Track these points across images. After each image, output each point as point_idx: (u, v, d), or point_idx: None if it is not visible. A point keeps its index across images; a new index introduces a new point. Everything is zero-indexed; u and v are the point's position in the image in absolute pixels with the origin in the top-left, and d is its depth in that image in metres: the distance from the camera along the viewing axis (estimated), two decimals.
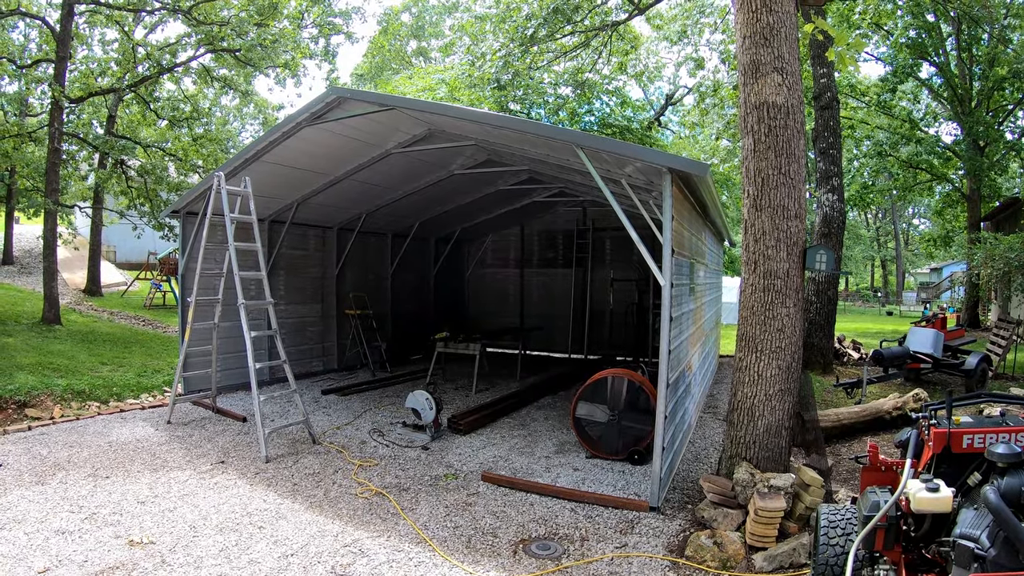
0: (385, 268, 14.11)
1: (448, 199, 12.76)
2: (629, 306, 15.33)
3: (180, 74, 18.16)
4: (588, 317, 15.86)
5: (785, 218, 5.37)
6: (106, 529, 4.97)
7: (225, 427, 8.21)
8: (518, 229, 16.63)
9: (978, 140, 21.71)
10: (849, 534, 3.81)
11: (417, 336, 14.55)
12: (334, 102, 7.26)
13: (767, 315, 5.41)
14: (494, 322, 16.02)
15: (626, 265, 15.37)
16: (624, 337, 15.25)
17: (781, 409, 5.51)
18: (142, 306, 19.23)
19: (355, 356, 12.76)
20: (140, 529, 4.98)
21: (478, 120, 6.30)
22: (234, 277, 7.39)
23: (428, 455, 7.22)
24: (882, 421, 8.71)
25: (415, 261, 15.03)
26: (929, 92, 24.31)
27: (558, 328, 15.92)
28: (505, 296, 17.00)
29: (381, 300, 13.79)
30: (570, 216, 15.79)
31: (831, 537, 3.85)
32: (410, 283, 14.94)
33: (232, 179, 8.24)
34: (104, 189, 17.70)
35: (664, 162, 5.36)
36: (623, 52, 20.11)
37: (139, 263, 23.42)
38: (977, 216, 22.93)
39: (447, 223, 14.85)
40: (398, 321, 14.32)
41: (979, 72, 21.96)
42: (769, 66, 5.36)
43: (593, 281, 15.80)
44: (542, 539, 5.07)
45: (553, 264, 16.52)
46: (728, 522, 5.21)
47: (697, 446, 7.89)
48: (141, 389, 9.90)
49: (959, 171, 24.60)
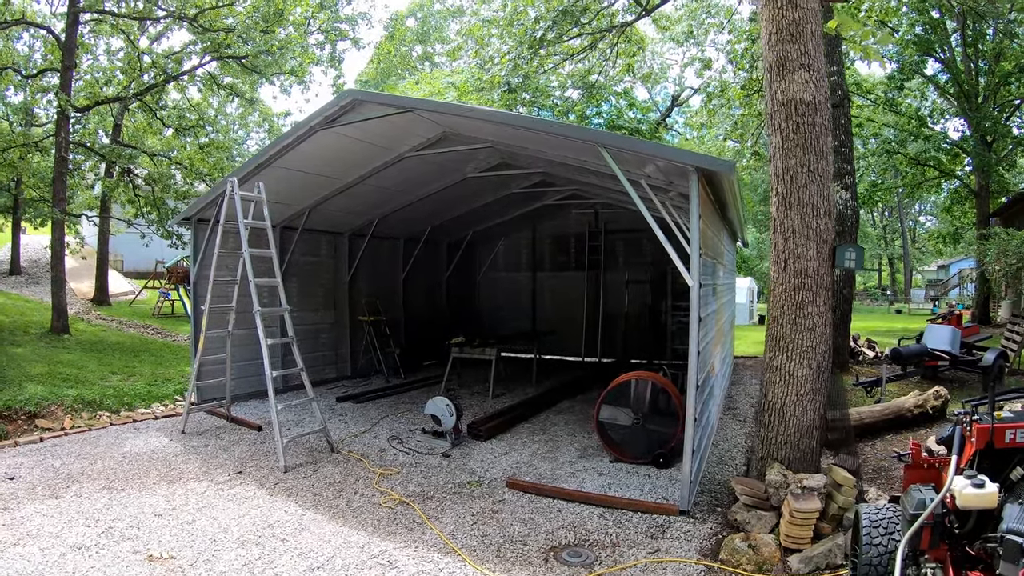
0: (397, 273, 14.02)
1: (461, 203, 12.67)
2: (643, 308, 15.20)
3: (186, 82, 18.13)
4: (601, 320, 15.73)
5: (815, 216, 5.28)
6: (124, 544, 4.85)
7: (240, 436, 8.12)
8: (530, 232, 16.52)
9: (986, 136, 21.63)
10: (891, 533, 3.75)
11: (430, 341, 14.44)
12: (348, 105, 7.18)
13: (798, 314, 5.31)
14: (507, 326, 15.89)
15: (639, 268, 15.26)
16: (639, 340, 15.10)
17: (812, 409, 5.41)
18: (150, 315, 19.14)
19: (368, 363, 12.66)
20: (159, 543, 4.87)
21: (498, 121, 6.22)
22: (249, 284, 7.30)
23: (450, 462, 7.12)
24: (904, 419, 8.58)
25: (427, 266, 14.94)
26: (935, 89, 24.20)
27: (571, 332, 15.74)
28: (517, 300, 16.87)
29: (394, 306, 13.70)
30: (582, 219, 15.66)
31: (873, 537, 3.78)
32: (422, 288, 14.85)
33: (245, 185, 8.16)
34: (111, 198, 17.65)
35: (691, 161, 5.27)
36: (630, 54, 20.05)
37: (147, 272, 23.36)
38: (986, 212, 22.79)
39: (459, 227, 14.77)
40: (411, 326, 14.23)
41: (985, 67, 21.87)
42: (796, 63, 5.28)
43: (606, 284, 15.67)
44: (573, 546, 4.96)
45: (565, 267, 16.39)
46: (762, 524, 5.11)
47: (720, 448, 7.78)
48: (152, 398, 9.81)
49: (966, 167, 24.51)
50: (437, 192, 11.28)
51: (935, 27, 21.33)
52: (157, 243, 18.37)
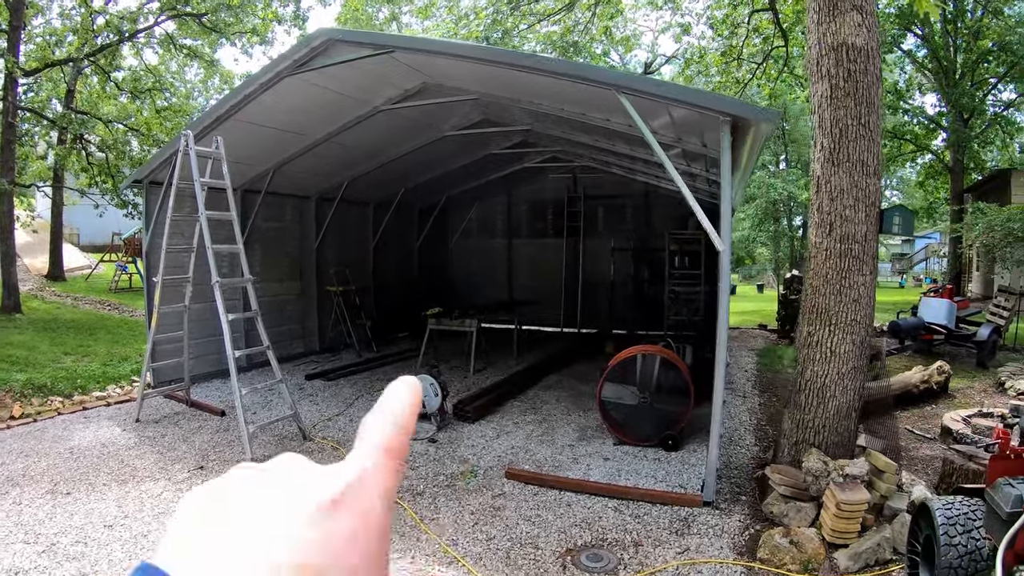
0: (367, 241, 13.11)
1: (436, 164, 11.82)
2: (626, 277, 14.61)
3: (142, 44, 16.90)
4: (581, 289, 15.10)
5: (864, 175, 4.67)
6: (68, 566, 4.02)
7: (202, 423, 7.26)
8: (505, 197, 15.76)
9: (963, 112, 21.53)
10: (970, 531, 3.33)
11: (403, 312, 13.55)
12: (321, 47, 6.28)
13: (843, 284, 4.72)
14: (481, 295, 15.07)
15: (621, 235, 14.66)
16: (623, 310, 14.53)
17: (853, 388, 4.85)
18: (107, 290, 18.13)
19: (338, 336, 11.80)
20: (108, 564, 4.06)
21: (499, 60, 5.38)
22: (207, 252, 6.42)
23: (437, 449, 6.40)
24: (911, 395, 8.25)
25: (398, 233, 14.04)
26: (913, 63, 24.00)
27: (548, 301, 15.04)
28: (493, 268, 16.12)
29: (364, 275, 12.78)
30: (560, 184, 14.93)
31: (952, 536, 3.35)
32: (394, 256, 13.95)
33: (202, 140, 7.23)
34: (64, 167, 16.47)
35: (728, 108, 4.58)
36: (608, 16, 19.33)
37: (103, 245, 22.19)
38: (960, 187, 22.80)
39: (433, 191, 13.89)
40: (382, 297, 13.38)
41: (963, 44, 21.73)
42: (848, 3, 4.65)
43: (586, 251, 15.01)
44: (591, 547, 4.32)
45: (543, 234, 15.70)
46: (801, 517, 4.55)
47: (727, 426, 7.20)
48: (108, 380, 8.89)
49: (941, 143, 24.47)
50: (411, 152, 10.41)
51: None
52: (113, 214, 17.32)
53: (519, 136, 11.02)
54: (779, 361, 11.14)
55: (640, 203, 14.37)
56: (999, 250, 13.87)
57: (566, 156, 12.43)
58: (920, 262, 39.74)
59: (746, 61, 18.61)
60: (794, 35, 17.83)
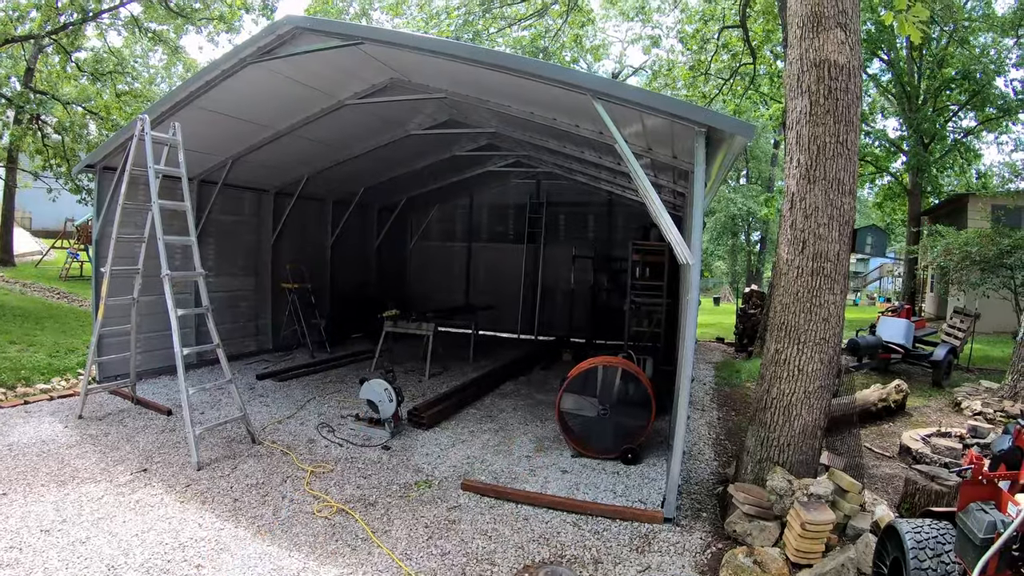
0: (325, 238, 12.79)
1: (399, 163, 11.61)
2: (585, 287, 14.54)
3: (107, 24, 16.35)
4: (540, 296, 15.01)
5: (840, 193, 4.62)
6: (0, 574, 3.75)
7: (147, 422, 6.91)
8: (467, 200, 15.62)
9: (923, 137, 22.08)
10: (940, 556, 3.30)
11: (358, 312, 13.27)
12: (287, 35, 6.04)
13: (813, 302, 4.66)
14: (438, 299, 14.92)
15: (582, 243, 14.61)
16: (581, 319, 14.47)
17: (819, 407, 4.79)
18: (58, 277, 17.46)
19: (292, 335, 11.48)
20: (44, 572, 3.77)
21: (472, 58, 5.21)
22: (157, 242, 6.11)
23: (391, 456, 6.18)
24: (868, 412, 8.31)
25: (357, 232, 13.76)
26: (877, 87, 24.56)
27: (507, 307, 14.96)
28: (451, 271, 15.95)
29: (320, 273, 12.48)
30: (523, 189, 14.87)
31: (922, 560, 3.31)
32: (351, 255, 13.64)
33: (159, 126, 6.90)
34: (19, 148, 15.78)
35: (704, 119, 4.49)
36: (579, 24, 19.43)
37: (56, 231, 21.43)
38: (917, 210, 23.38)
39: (393, 191, 13.65)
40: (338, 296, 13.08)
41: (927, 72, 22.30)
42: (832, 20, 4.60)
43: (546, 258, 14.94)
44: (548, 564, 4.17)
45: (503, 239, 15.57)
46: (765, 536, 4.46)
47: (686, 440, 7.13)
48: (53, 372, 8.48)
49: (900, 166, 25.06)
50: (374, 149, 10.19)
51: (884, 27, 21.52)
52: (67, 199, 16.76)
53: (485, 139, 10.89)
54: (737, 375, 11.17)
55: (603, 212, 14.39)
56: (956, 272, 14.21)
57: (530, 161, 12.33)
58: (874, 281, 40.78)
59: (713, 76, 18.87)
60: (762, 54, 18.13)
